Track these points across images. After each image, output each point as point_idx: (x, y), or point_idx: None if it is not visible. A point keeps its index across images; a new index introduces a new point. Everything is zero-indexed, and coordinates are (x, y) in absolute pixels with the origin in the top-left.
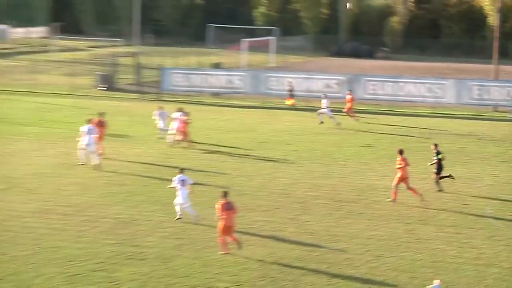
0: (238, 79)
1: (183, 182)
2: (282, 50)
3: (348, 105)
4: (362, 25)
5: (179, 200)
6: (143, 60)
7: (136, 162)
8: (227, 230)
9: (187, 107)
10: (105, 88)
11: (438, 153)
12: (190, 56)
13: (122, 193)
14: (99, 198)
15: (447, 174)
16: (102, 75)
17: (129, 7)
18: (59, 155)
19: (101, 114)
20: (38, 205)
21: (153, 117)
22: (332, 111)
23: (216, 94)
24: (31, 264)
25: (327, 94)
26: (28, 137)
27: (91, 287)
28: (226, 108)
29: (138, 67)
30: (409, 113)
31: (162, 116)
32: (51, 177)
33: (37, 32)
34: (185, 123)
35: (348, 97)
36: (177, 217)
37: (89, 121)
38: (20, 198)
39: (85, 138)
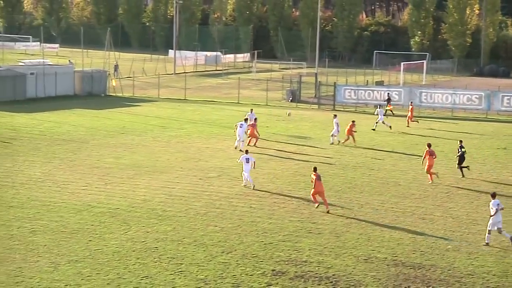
0: (396, 94)
1: (247, 160)
2: (432, 71)
3: (409, 114)
4: (500, 50)
5: (245, 171)
6: (322, 78)
7: (314, 158)
8: (318, 193)
9: (355, 116)
10: (291, 100)
11: (461, 147)
12: (358, 76)
13: (304, 182)
14: (286, 185)
15: (466, 165)
16: (289, 90)
17: (311, 37)
18: (258, 151)
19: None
20: (240, 189)
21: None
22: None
23: (378, 106)
24: (235, 234)
25: (381, 105)
26: (233, 137)
27: (280, 253)
28: (386, 117)
29: (318, 84)
30: None
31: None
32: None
33: (241, 57)
34: (350, 128)
35: (410, 107)
36: (243, 183)
37: (245, 120)
38: (227, 183)
39: (239, 130)
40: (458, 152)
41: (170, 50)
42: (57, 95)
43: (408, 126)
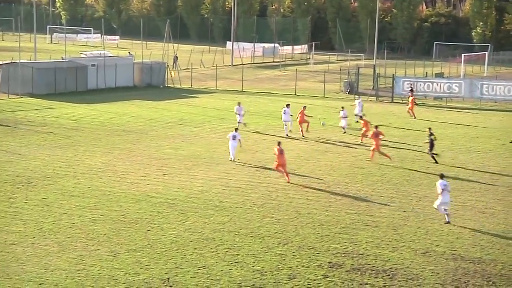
0: (456, 86)
1: (234, 137)
2: (494, 62)
3: (409, 105)
4: None
5: (230, 147)
6: (380, 70)
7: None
8: (281, 166)
9: (415, 110)
10: (349, 92)
11: (431, 134)
12: (417, 68)
13: (361, 174)
14: (343, 177)
15: (436, 152)
16: (347, 82)
17: (370, 29)
18: (314, 143)
19: (304, 107)
20: (297, 181)
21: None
22: None
23: (437, 98)
24: (292, 226)
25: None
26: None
27: (337, 246)
28: (445, 109)
29: (376, 76)
30: None
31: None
32: (308, 160)
33: (299, 49)
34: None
35: (410, 98)
36: (230, 158)
37: (287, 105)
38: (284, 175)
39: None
40: (427, 140)
41: (228, 42)
42: (117, 86)
43: (414, 118)
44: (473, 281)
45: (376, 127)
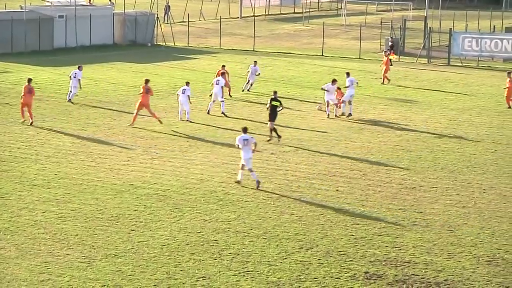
0: None
1: (183, 91)
2: None
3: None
4: None
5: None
6: (433, 24)
7: (421, 128)
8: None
9: (477, 73)
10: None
11: (274, 99)
12: (482, 20)
13: (408, 159)
14: (384, 163)
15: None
16: (389, 39)
17: None
18: (345, 119)
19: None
20: (324, 167)
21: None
22: None
23: (509, 60)
24: (318, 225)
25: None
26: (316, 100)
27: (376, 251)
28: None
29: (428, 31)
30: None
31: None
32: (339, 140)
33: None
34: None
35: (385, 58)
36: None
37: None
38: (307, 160)
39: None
40: (268, 105)
41: None
42: (92, 44)
43: (383, 83)
44: None
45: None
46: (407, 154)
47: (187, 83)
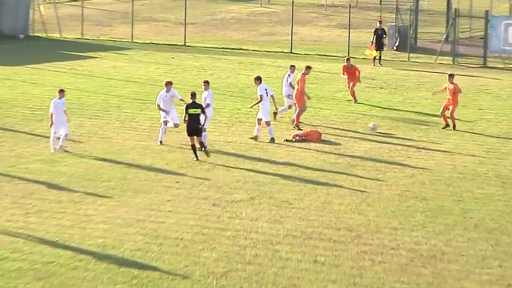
0: None
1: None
2: None
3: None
4: None
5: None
6: (460, 4)
7: (446, 163)
8: None
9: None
10: (397, 47)
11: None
12: None
13: (423, 212)
14: (387, 218)
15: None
16: (394, 27)
17: None
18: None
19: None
20: (295, 226)
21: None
22: None
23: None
24: None
25: None
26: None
27: None
28: None
29: (451, 16)
30: None
31: None
32: (317, 182)
33: None
34: None
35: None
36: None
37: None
38: (269, 214)
39: None
40: (184, 116)
41: None
42: None
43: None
44: None
45: None
46: (422, 204)
47: (61, 91)
